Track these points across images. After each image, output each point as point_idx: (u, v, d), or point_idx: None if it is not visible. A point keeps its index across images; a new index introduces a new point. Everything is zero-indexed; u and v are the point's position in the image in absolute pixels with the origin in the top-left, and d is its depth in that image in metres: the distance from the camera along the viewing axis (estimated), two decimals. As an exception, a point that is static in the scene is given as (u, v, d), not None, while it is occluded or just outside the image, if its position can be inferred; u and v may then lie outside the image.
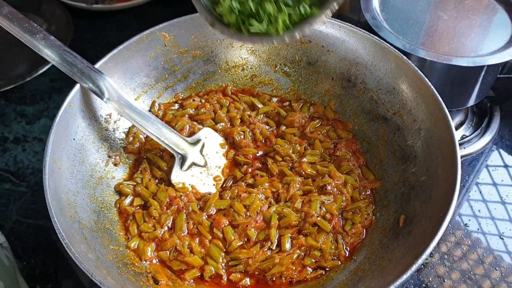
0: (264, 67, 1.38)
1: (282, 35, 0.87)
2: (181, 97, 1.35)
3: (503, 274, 1.17)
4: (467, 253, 1.20)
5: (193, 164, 1.18)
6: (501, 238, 1.24)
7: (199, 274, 1.04)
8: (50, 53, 1.10)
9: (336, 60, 1.30)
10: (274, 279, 1.03)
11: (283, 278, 1.03)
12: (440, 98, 1.09)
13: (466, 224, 1.27)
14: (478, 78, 1.29)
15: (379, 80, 1.24)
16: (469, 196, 1.33)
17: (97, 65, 1.17)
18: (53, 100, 1.59)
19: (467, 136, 1.44)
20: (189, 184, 1.17)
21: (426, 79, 1.13)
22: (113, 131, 1.23)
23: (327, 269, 1.05)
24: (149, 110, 1.31)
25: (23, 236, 1.24)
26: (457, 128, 1.47)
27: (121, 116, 1.20)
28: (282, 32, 0.87)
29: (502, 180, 1.36)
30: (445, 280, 1.16)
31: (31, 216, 1.29)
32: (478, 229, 1.26)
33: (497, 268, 1.18)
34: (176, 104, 1.34)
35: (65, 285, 1.17)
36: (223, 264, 1.05)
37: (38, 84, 1.63)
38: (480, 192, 1.33)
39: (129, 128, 1.26)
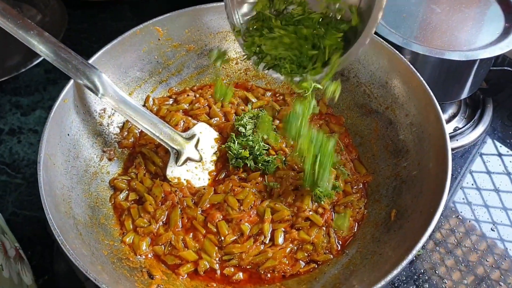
0: (258, 60, 1.38)
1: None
2: (175, 91, 1.36)
3: (496, 261, 1.18)
4: (461, 240, 1.22)
5: (188, 159, 1.19)
6: (494, 225, 1.25)
7: (193, 268, 1.05)
8: (45, 49, 1.09)
9: (330, 54, 1.30)
10: (267, 273, 1.05)
11: (276, 272, 1.04)
12: (431, 94, 1.10)
13: (460, 211, 1.28)
14: (471, 72, 1.29)
15: (371, 74, 1.24)
16: (462, 184, 1.34)
17: (90, 60, 1.17)
18: (48, 91, 1.59)
19: (460, 128, 1.45)
20: (184, 179, 1.17)
21: (418, 75, 1.13)
22: (107, 125, 1.23)
23: (319, 263, 1.07)
24: (144, 105, 1.31)
25: (19, 228, 1.24)
26: (450, 120, 1.48)
27: (115, 111, 1.20)
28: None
29: (495, 169, 1.37)
30: (439, 266, 1.17)
31: (27, 207, 1.29)
32: (472, 217, 1.27)
33: (490, 255, 1.19)
34: (171, 99, 1.34)
35: (62, 276, 1.17)
36: (217, 259, 1.06)
37: (32, 75, 1.62)
38: (474, 180, 1.34)
39: (124, 122, 1.27)
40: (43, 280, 1.18)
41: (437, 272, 1.17)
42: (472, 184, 1.34)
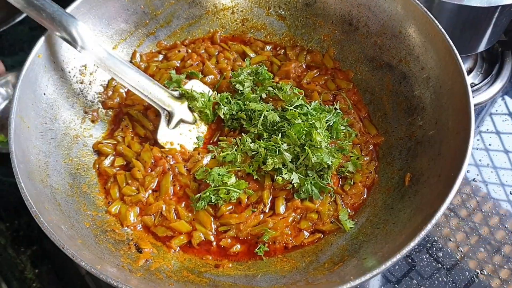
0: (256, 9, 1.26)
1: None
2: (164, 45, 1.25)
3: (502, 221, 1.13)
4: (466, 201, 1.16)
5: (181, 121, 1.09)
6: (502, 186, 1.19)
7: (187, 241, 0.97)
8: None
9: (336, 1, 1.19)
10: (267, 244, 0.96)
11: (277, 244, 0.96)
12: (451, 43, 0.99)
13: (467, 172, 1.21)
14: (491, 20, 1.20)
15: (383, 23, 1.13)
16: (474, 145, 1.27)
17: (68, 10, 1.05)
18: (33, 50, 1.50)
19: (476, 85, 1.36)
20: (178, 144, 1.08)
21: (436, 22, 1.02)
22: (89, 84, 1.13)
23: (325, 232, 0.98)
24: (130, 62, 1.21)
25: (5, 196, 1.19)
26: (465, 76, 1.39)
27: (98, 67, 1.10)
28: None
29: (505, 129, 1.30)
30: (455, 237, 1.11)
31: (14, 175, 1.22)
32: (479, 178, 1.21)
33: (495, 215, 1.14)
34: (160, 55, 1.23)
35: (50, 247, 1.11)
36: (213, 230, 0.98)
37: (16, 33, 1.54)
38: (483, 141, 1.27)
39: (108, 81, 1.17)
40: (32, 250, 1.14)
41: (451, 239, 1.11)
42: (480, 145, 1.27)
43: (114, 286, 0.75)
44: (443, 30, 1.01)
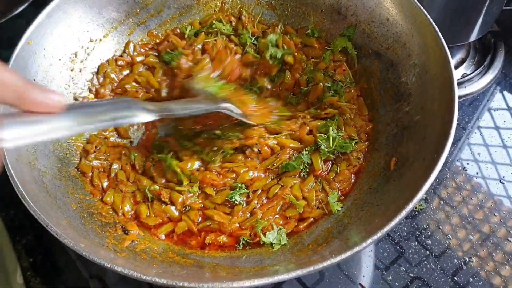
0: (246, -1, 1.26)
1: None
2: (155, 34, 1.24)
3: (502, 219, 1.12)
4: (467, 198, 1.15)
5: None
6: (501, 183, 1.18)
7: (171, 229, 0.97)
8: None
9: (325, -10, 1.19)
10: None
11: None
12: (437, 29, 0.98)
13: (466, 168, 1.21)
14: (482, 9, 1.20)
15: (371, 11, 1.13)
16: (470, 140, 1.26)
17: (56, 0, 1.05)
18: (32, 43, 1.49)
19: (468, 75, 1.36)
20: None
21: (422, 8, 1.02)
22: (80, 71, 1.13)
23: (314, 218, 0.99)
24: (124, 51, 1.20)
25: (0, 188, 1.17)
26: (458, 66, 1.38)
27: (88, 55, 1.11)
28: None
29: (504, 121, 1.29)
30: (444, 225, 1.11)
31: (6, 165, 1.23)
32: (478, 174, 1.20)
33: (496, 213, 1.13)
34: (147, 47, 1.23)
35: (46, 236, 1.09)
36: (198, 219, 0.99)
37: (14, 26, 1.50)
38: (482, 136, 1.26)
39: (98, 66, 1.16)
40: (26, 240, 1.14)
41: (440, 227, 1.11)
42: (479, 140, 1.26)
43: (98, 264, 0.75)
44: (429, 16, 1.00)
